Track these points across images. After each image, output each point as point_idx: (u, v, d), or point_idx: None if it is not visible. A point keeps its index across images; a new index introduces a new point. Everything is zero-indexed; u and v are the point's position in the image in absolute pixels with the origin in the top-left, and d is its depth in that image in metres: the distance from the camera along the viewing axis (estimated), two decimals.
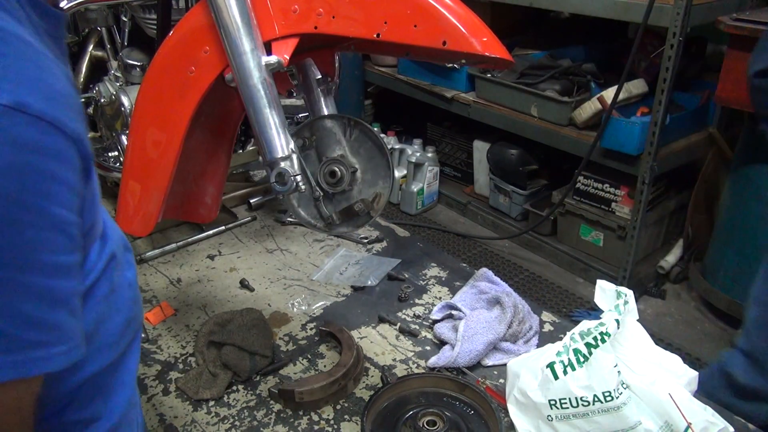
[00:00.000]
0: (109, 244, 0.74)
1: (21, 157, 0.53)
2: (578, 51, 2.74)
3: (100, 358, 0.75)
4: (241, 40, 1.14)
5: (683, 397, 1.17)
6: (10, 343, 0.56)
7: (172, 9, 1.90)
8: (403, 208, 3.02)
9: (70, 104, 0.59)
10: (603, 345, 1.15)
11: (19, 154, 0.53)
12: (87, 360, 0.70)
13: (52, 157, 0.56)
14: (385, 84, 3.25)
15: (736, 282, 2.12)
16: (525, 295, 1.75)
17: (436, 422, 1.20)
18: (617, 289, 1.25)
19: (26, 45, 0.57)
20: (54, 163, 0.56)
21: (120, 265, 0.77)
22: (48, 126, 0.55)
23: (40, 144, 0.55)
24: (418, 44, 1.12)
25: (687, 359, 1.65)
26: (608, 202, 2.41)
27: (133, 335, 0.82)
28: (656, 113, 2.07)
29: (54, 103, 0.56)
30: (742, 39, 1.84)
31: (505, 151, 2.71)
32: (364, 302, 1.67)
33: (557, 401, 1.16)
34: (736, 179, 2.11)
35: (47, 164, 0.56)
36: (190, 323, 1.58)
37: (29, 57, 0.56)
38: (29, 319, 0.57)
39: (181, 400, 1.34)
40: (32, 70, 0.56)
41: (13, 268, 0.55)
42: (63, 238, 0.59)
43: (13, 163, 0.52)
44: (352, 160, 1.22)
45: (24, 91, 0.53)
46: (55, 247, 0.58)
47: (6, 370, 0.55)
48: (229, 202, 2.19)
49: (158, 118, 1.28)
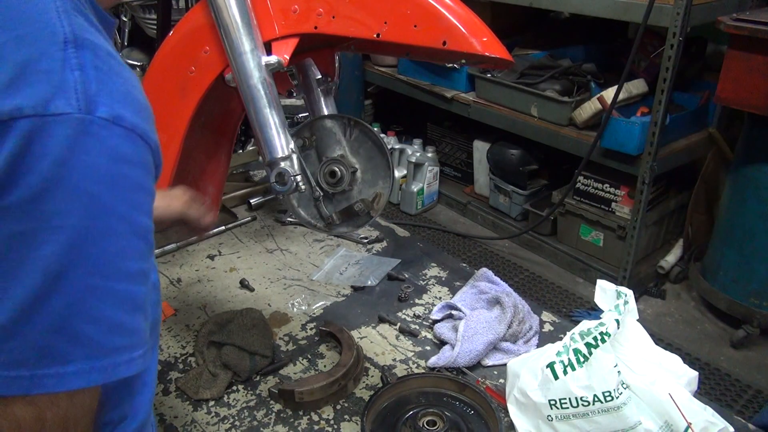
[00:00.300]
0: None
1: (117, 168, 0.56)
2: (578, 51, 2.74)
3: None
4: (241, 40, 1.14)
5: (683, 397, 1.17)
6: (99, 349, 0.57)
7: (172, 9, 1.90)
8: (403, 208, 3.02)
9: (150, 115, 0.62)
10: (603, 345, 1.15)
11: (115, 165, 0.56)
12: None
13: (141, 168, 0.59)
14: (385, 84, 3.25)
15: (736, 282, 2.12)
16: (525, 295, 1.75)
17: (436, 422, 1.20)
18: (617, 289, 1.25)
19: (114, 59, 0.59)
20: (142, 173, 0.60)
21: None
22: (138, 138, 0.58)
23: (134, 156, 0.58)
24: (418, 44, 1.12)
25: (687, 359, 1.65)
26: (608, 202, 2.41)
27: (156, 337, 0.84)
28: (656, 113, 2.07)
29: (141, 115, 0.59)
30: (742, 39, 1.84)
31: (505, 151, 2.71)
32: (364, 302, 1.67)
33: (557, 401, 1.16)
34: (736, 179, 2.11)
35: (137, 175, 0.59)
36: (190, 323, 1.58)
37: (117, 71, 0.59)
38: (115, 325, 0.59)
39: (181, 400, 1.34)
40: (121, 83, 0.58)
41: (105, 276, 0.57)
42: (144, 245, 0.62)
43: (110, 173, 0.55)
44: (352, 160, 1.22)
45: (119, 104, 0.56)
46: (139, 254, 0.61)
47: (95, 375, 0.57)
48: (229, 202, 2.19)
49: (158, 119, 1.27)
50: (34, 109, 0.52)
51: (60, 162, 0.52)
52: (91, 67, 0.55)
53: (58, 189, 0.53)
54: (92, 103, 0.54)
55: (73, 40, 0.55)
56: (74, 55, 0.54)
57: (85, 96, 0.54)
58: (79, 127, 0.53)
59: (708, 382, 1.92)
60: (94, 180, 0.54)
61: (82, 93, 0.54)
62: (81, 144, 0.53)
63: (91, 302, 0.56)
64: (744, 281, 2.09)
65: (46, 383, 0.55)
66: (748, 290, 2.08)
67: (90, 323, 0.56)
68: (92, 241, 0.55)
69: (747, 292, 2.09)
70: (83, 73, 0.54)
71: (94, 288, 0.56)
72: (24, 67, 0.53)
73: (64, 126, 0.52)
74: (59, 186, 0.53)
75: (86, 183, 0.54)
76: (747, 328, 2.07)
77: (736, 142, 2.15)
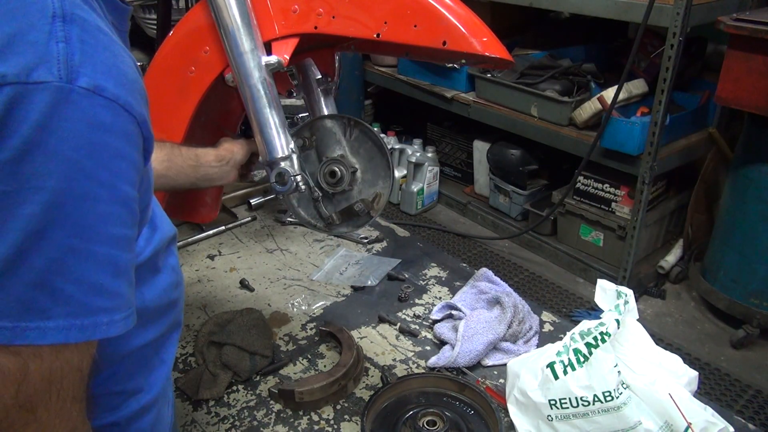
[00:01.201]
0: (158, 234, 0.80)
1: (97, 136, 0.59)
2: (578, 51, 2.74)
3: (143, 334, 0.80)
4: (241, 40, 1.14)
5: (683, 397, 1.17)
6: (79, 308, 0.60)
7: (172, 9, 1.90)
8: (403, 208, 3.02)
9: (138, 89, 0.64)
10: (603, 345, 1.15)
11: (96, 133, 0.59)
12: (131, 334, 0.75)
13: (122, 137, 0.62)
14: (385, 84, 3.25)
15: (736, 282, 2.12)
16: (525, 295, 1.75)
17: (436, 422, 1.20)
18: (617, 288, 1.25)
19: (104, 34, 0.62)
20: (124, 142, 0.62)
21: (164, 251, 0.83)
22: (120, 109, 0.60)
23: (114, 125, 0.60)
24: (418, 44, 1.12)
25: (687, 359, 1.65)
26: (608, 202, 2.41)
27: (175, 318, 0.88)
28: (656, 113, 2.07)
29: (126, 88, 0.61)
30: (742, 39, 1.84)
31: (505, 151, 2.71)
32: (364, 302, 1.67)
33: (557, 401, 1.16)
34: (736, 179, 2.11)
35: (119, 143, 0.61)
36: (190, 323, 1.58)
37: (106, 45, 0.61)
38: (96, 287, 0.62)
39: (181, 400, 1.34)
40: (109, 57, 0.61)
41: (86, 238, 0.60)
42: (127, 213, 0.64)
43: (91, 140, 0.58)
44: (352, 160, 1.22)
45: (101, 76, 0.59)
46: (121, 220, 0.63)
47: (75, 332, 0.60)
48: (229, 202, 2.19)
49: (158, 119, 1.27)
50: (17, 77, 0.54)
51: (40, 127, 0.55)
52: (77, 39, 0.58)
53: (39, 152, 0.55)
54: (74, 73, 0.57)
55: (62, 15, 0.58)
56: (61, 28, 0.57)
57: (67, 66, 0.57)
58: (59, 95, 0.56)
59: (708, 382, 1.92)
60: (74, 146, 0.57)
61: (64, 63, 0.56)
62: (61, 111, 0.56)
63: (71, 262, 0.59)
64: (744, 281, 2.09)
65: (28, 335, 0.58)
66: (748, 290, 2.08)
67: (71, 282, 0.59)
68: (72, 203, 0.58)
69: (747, 292, 2.08)
70: (68, 45, 0.57)
71: (75, 249, 0.59)
72: (12, 38, 0.56)
73: (45, 93, 0.55)
74: (39, 149, 0.55)
75: (65, 148, 0.57)
76: (747, 328, 2.07)
77: (736, 142, 2.15)
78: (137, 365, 0.81)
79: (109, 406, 0.79)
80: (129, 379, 0.80)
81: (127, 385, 0.80)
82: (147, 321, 0.80)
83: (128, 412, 0.81)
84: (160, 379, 0.86)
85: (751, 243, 2.05)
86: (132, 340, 0.78)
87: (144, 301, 0.78)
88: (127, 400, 0.80)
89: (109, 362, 0.76)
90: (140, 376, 0.82)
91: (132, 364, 0.80)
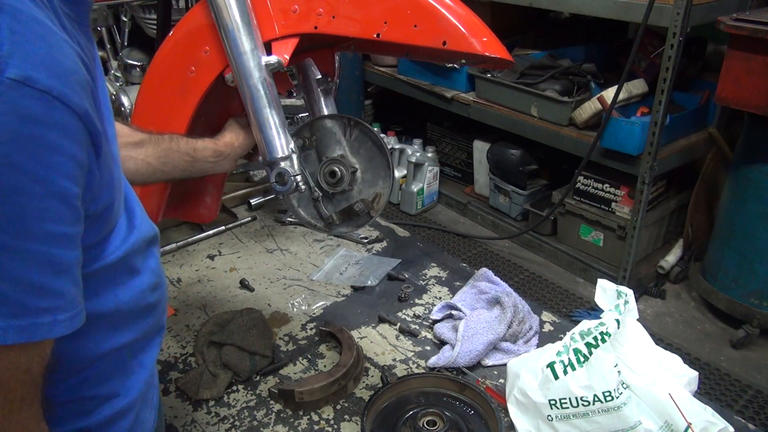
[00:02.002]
0: (135, 234, 0.78)
1: (27, 129, 0.56)
2: (578, 51, 2.74)
3: (116, 337, 0.77)
4: (241, 40, 1.14)
5: (683, 397, 1.17)
6: (17, 308, 0.58)
7: (172, 9, 1.90)
8: (403, 208, 3.02)
9: (78, 81, 0.61)
10: (603, 345, 1.15)
11: (26, 126, 0.56)
12: (102, 337, 0.73)
13: (57, 130, 0.58)
14: (385, 84, 3.25)
15: (736, 282, 2.12)
16: (525, 295, 1.75)
17: (436, 422, 1.20)
18: (618, 288, 1.25)
19: (39, 24, 0.59)
20: (59, 135, 0.59)
21: (143, 253, 0.80)
22: (54, 100, 0.57)
23: (46, 117, 0.57)
24: (418, 44, 1.12)
25: (687, 359, 1.65)
26: (608, 202, 2.41)
27: (156, 321, 0.85)
28: (656, 113, 2.07)
29: (61, 79, 0.58)
30: (742, 39, 1.84)
31: (505, 151, 2.71)
32: (364, 302, 1.67)
33: (557, 401, 1.16)
34: (736, 179, 2.11)
35: (52, 136, 0.58)
36: (190, 323, 1.58)
37: (40, 35, 0.58)
38: (35, 286, 0.59)
39: (181, 400, 1.34)
40: (42, 47, 0.58)
41: (19, 235, 0.57)
42: (66, 209, 0.61)
43: (20, 133, 0.55)
44: (352, 160, 1.22)
45: (31, 66, 0.56)
46: (58, 217, 0.60)
47: (12, 333, 0.58)
48: (229, 202, 2.19)
49: (158, 118, 1.28)
50: None
51: None
52: (7, 29, 0.56)
53: None
54: (2, 63, 0.54)
55: None
56: None
57: None
58: None
59: (708, 382, 1.92)
60: (2, 139, 0.54)
61: None
62: None
63: (4, 260, 0.57)
64: (744, 281, 2.09)
65: None
66: (748, 290, 2.08)
67: (5, 281, 0.57)
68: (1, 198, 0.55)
69: (747, 292, 2.09)
70: None
71: (7, 247, 0.56)
72: None
73: None
74: None
75: None
76: (747, 328, 2.07)
77: (736, 142, 2.15)
78: (111, 369, 0.79)
79: (81, 411, 0.77)
80: (102, 384, 0.78)
81: (100, 390, 0.78)
82: (121, 324, 0.78)
83: (101, 418, 0.78)
84: (138, 383, 0.83)
85: (751, 243, 2.06)
86: (103, 343, 0.75)
87: (118, 303, 0.76)
88: (100, 406, 0.78)
89: (79, 365, 0.74)
90: (115, 380, 0.79)
91: (105, 368, 0.77)
